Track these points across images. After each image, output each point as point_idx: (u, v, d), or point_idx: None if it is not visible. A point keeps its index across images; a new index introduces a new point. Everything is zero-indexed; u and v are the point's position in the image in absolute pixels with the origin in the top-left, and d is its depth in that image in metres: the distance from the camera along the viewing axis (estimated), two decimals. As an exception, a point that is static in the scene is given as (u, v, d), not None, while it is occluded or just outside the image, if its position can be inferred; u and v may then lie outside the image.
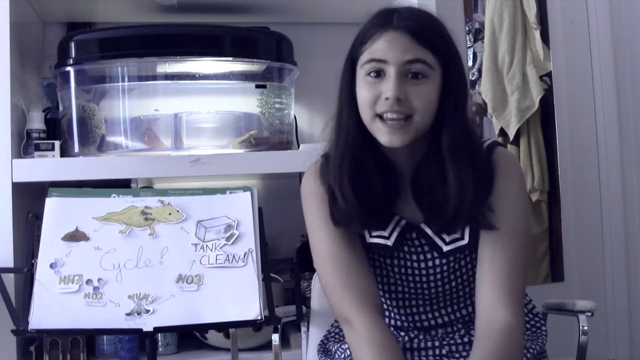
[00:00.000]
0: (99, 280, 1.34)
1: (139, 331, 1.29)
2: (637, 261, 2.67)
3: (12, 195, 1.80)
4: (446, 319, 1.37)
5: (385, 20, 1.25)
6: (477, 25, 2.62)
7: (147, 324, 1.29)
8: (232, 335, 1.77)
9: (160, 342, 2.00)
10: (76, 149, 1.99)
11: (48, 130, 1.97)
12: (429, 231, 1.30)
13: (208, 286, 1.35)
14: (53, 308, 1.30)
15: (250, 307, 1.36)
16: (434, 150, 1.26)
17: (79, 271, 1.34)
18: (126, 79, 1.98)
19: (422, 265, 1.32)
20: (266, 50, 2.11)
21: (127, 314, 1.30)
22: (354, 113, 1.28)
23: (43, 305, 1.30)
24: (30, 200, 1.93)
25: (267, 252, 1.47)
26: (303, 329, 1.69)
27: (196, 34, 2.06)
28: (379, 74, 1.24)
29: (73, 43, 1.99)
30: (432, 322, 1.37)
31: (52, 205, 1.44)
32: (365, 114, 1.26)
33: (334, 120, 1.32)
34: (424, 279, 1.33)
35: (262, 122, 2.12)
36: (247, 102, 2.12)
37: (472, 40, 2.62)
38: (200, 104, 2.09)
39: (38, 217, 1.43)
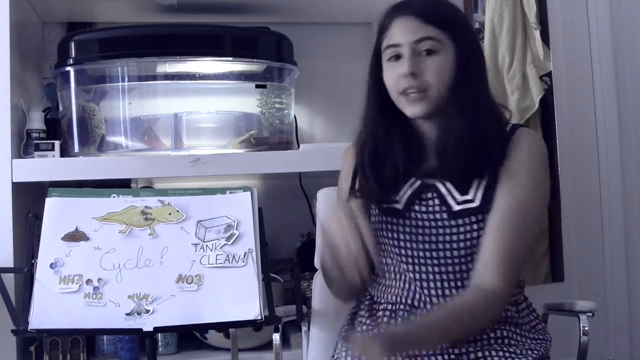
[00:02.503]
0: (99, 280, 1.33)
1: (138, 331, 1.28)
2: (637, 261, 2.66)
3: (12, 195, 1.80)
4: (455, 292, 1.35)
5: (395, 9, 1.41)
6: (477, 25, 2.62)
7: (147, 324, 1.29)
8: (232, 335, 1.77)
9: (160, 342, 2.00)
10: (76, 149, 1.99)
11: (48, 130, 1.97)
12: (442, 189, 1.38)
13: (208, 286, 1.35)
14: (53, 308, 1.29)
15: (250, 307, 1.36)
16: (455, 117, 1.36)
17: (79, 271, 1.34)
18: (126, 79, 1.99)
19: (432, 224, 1.37)
20: (266, 50, 2.11)
21: (127, 314, 1.30)
22: (378, 96, 1.42)
23: (43, 305, 1.29)
24: (30, 200, 1.92)
25: (267, 252, 1.46)
26: (304, 328, 1.69)
27: (196, 34, 2.06)
28: (397, 57, 1.38)
29: (73, 43, 1.99)
30: (440, 292, 1.36)
31: (52, 205, 1.43)
32: (392, 93, 1.40)
33: (364, 107, 1.47)
34: (434, 238, 1.36)
35: (262, 122, 2.12)
36: (247, 102, 2.12)
37: (472, 40, 2.62)
38: (200, 104, 2.09)
39: (38, 217, 1.42)
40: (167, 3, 2.14)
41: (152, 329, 1.28)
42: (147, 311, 1.30)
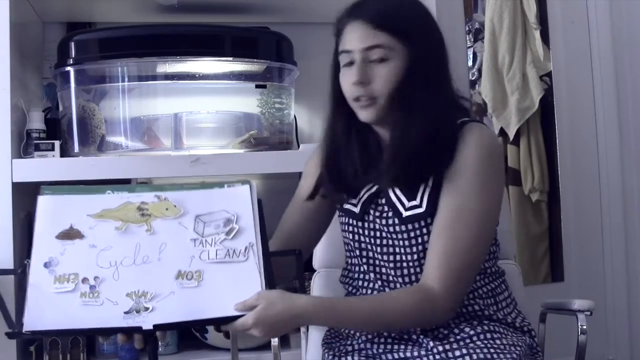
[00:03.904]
0: (95, 278, 1.28)
1: (138, 329, 1.24)
2: (637, 261, 2.67)
3: (12, 195, 1.80)
4: None
5: (349, 12, 1.38)
6: (477, 25, 2.62)
7: (146, 322, 1.24)
8: (232, 335, 1.77)
9: (160, 342, 1.99)
10: (76, 149, 1.99)
11: (48, 130, 1.97)
12: (392, 196, 1.38)
13: (209, 282, 1.30)
14: (48, 308, 1.25)
15: None
16: (401, 123, 1.36)
17: (74, 270, 1.28)
18: (126, 79, 1.99)
19: (385, 230, 1.38)
20: (266, 50, 2.11)
21: (126, 312, 1.25)
22: (336, 99, 1.43)
23: (37, 306, 1.24)
24: (30, 200, 1.91)
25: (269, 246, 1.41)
26: (303, 329, 1.69)
27: (196, 34, 2.05)
28: (351, 62, 1.36)
29: (73, 43, 1.99)
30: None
31: (45, 203, 1.38)
32: (348, 99, 1.39)
33: (327, 113, 1.48)
34: (390, 242, 1.38)
35: (262, 122, 2.12)
36: (247, 102, 2.12)
37: (472, 40, 2.63)
38: (200, 104, 2.09)
39: (32, 216, 1.38)
40: (167, 3, 2.14)
41: (151, 327, 1.23)
42: (147, 309, 1.25)
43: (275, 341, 1.61)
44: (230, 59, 2.06)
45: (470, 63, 2.62)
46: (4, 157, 1.81)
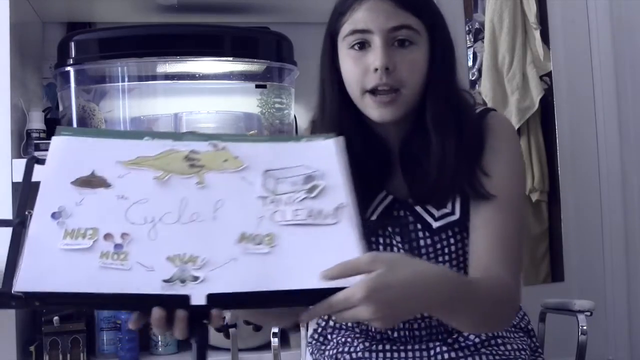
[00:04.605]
0: (124, 235, 0.96)
1: (183, 300, 0.89)
2: (637, 261, 2.67)
3: (12, 195, 1.80)
4: (429, 322, 1.23)
5: None
6: (477, 25, 2.62)
7: (195, 294, 0.90)
8: (232, 335, 1.77)
9: (160, 342, 1.99)
10: (76, 149, 1.99)
11: (48, 130, 1.97)
12: (417, 207, 1.22)
13: (285, 248, 0.98)
14: (52, 267, 0.93)
15: None
16: (421, 121, 1.20)
17: (93, 224, 0.97)
18: (126, 79, 1.99)
19: (407, 246, 1.22)
20: (266, 50, 2.11)
21: (166, 281, 0.91)
22: (336, 92, 1.21)
23: (37, 264, 0.92)
24: (30, 200, 1.92)
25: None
26: (302, 329, 1.69)
27: (196, 34, 2.06)
28: (363, 45, 1.16)
29: (73, 43, 1.99)
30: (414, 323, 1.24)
31: (60, 144, 1.07)
32: (353, 91, 1.18)
33: (317, 101, 1.26)
34: (411, 254, 1.21)
35: (262, 122, 2.12)
36: (247, 102, 2.12)
37: (472, 40, 2.63)
38: (200, 104, 2.09)
39: (39, 161, 1.07)
40: (167, 3, 2.14)
41: (204, 300, 0.89)
42: (195, 278, 0.92)
43: (275, 341, 1.60)
44: (230, 59, 2.06)
45: (470, 63, 2.62)
46: (4, 157, 1.81)
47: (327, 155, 1.08)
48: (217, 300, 0.89)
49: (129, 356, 1.93)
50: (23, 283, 0.89)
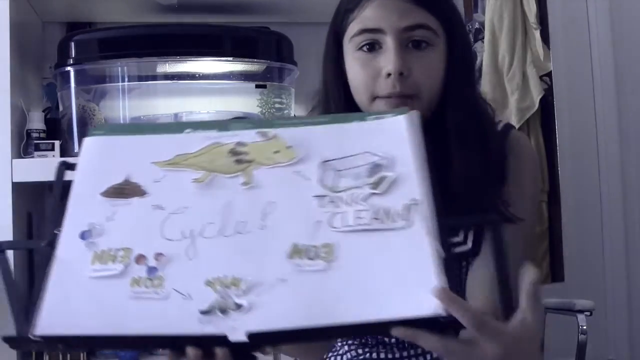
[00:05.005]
0: (158, 256, 0.82)
1: (221, 340, 0.74)
2: (637, 261, 2.67)
3: (12, 195, 1.80)
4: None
5: None
6: (477, 25, 2.62)
7: (236, 328, 0.75)
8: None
9: None
10: (76, 149, 1.99)
11: (48, 130, 1.97)
12: None
13: (345, 263, 0.79)
14: (78, 303, 0.80)
15: (421, 294, 0.76)
16: (438, 132, 1.03)
17: (125, 243, 0.84)
18: (126, 79, 1.99)
19: None
20: (266, 50, 2.11)
21: (203, 313, 0.76)
22: (342, 97, 1.09)
23: (62, 299, 0.80)
24: (30, 200, 1.93)
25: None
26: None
27: (196, 34, 2.06)
28: (372, 46, 1.03)
29: (73, 43, 1.99)
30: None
31: (91, 147, 0.94)
32: (361, 96, 1.05)
33: (319, 106, 1.13)
34: None
35: (262, 122, 2.12)
36: (247, 102, 2.12)
37: (472, 40, 2.63)
38: (200, 104, 2.09)
39: (70, 167, 0.93)
40: (167, 3, 2.14)
41: (244, 337, 0.74)
42: (238, 307, 0.77)
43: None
44: (230, 59, 2.06)
45: (470, 63, 2.62)
46: (4, 157, 1.81)
47: (397, 137, 0.90)
48: (259, 337, 0.74)
49: (129, 356, 1.93)
50: (46, 324, 0.78)
